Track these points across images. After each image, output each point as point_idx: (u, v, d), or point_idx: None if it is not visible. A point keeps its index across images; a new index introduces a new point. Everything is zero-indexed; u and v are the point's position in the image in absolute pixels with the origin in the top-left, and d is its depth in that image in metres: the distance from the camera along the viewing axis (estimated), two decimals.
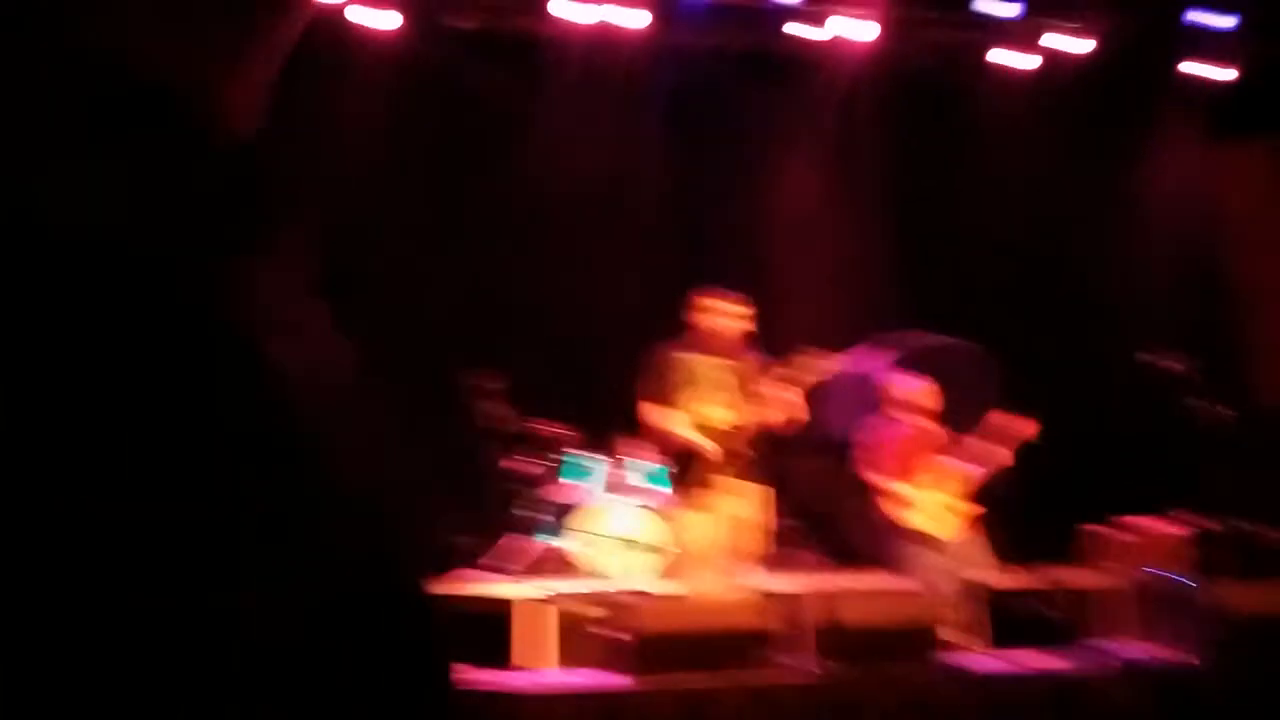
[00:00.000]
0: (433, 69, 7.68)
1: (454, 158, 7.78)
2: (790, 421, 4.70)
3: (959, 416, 5.97)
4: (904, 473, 5.73)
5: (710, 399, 4.80)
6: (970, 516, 5.55)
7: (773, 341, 5.28)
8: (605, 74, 7.98)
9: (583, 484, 6.57)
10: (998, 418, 5.90)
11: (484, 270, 7.67)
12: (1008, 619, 5.55)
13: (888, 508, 5.75)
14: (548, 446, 6.72)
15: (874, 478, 5.79)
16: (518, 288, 7.69)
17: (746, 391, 4.66)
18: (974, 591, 5.41)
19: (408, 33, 7.61)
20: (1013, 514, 6.81)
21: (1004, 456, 5.55)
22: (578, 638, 5.38)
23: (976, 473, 5.60)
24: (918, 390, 5.87)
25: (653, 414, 4.84)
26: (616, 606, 5.36)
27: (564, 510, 6.58)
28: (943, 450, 5.75)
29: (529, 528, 6.62)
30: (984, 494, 5.91)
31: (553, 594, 5.57)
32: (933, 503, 5.55)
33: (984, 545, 5.56)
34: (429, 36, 7.68)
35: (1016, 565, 6.70)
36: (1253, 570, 6.53)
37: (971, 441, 5.81)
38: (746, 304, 4.82)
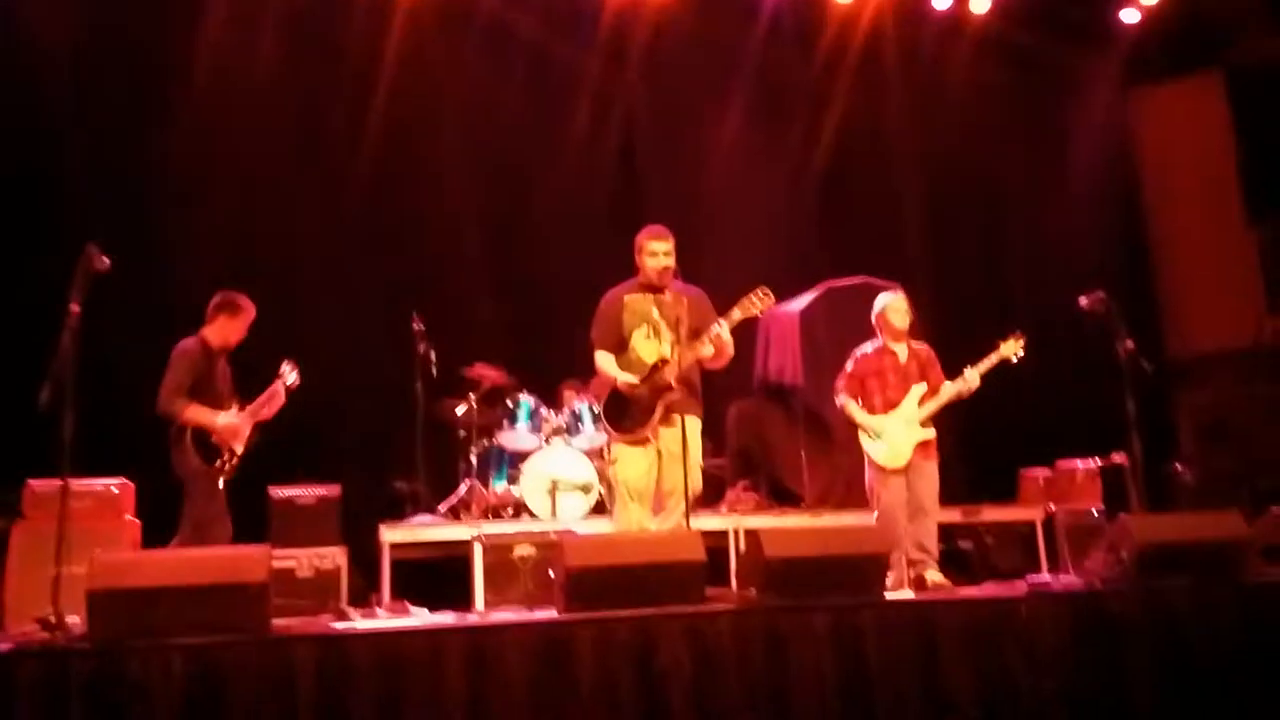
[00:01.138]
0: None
1: (382, 111, 7.63)
2: (720, 357, 4.71)
3: None
4: (870, 394, 5.50)
5: (640, 335, 4.80)
6: (927, 442, 5.42)
7: (703, 282, 5.27)
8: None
9: (523, 427, 6.56)
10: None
11: (424, 221, 7.57)
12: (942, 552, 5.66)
13: (857, 438, 5.53)
14: (494, 392, 6.69)
15: (844, 404, 5.53)
16: (461, 239, 7.61)
17: (675, 326, 4.66)
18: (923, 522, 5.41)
19: None
20: (956, 453, 6.95)
21: (973, 379, 5.48)
22: (506, 576, 5.40)
23: (946, 394, 5.40)
24: (888, 304, 5.55)
25: (597, 355, 4.84)
26: (545, 545, 5.38)
27: (517, 455, 6.56)
28: (910, 370, 5.51)
29: (483, 473, 6.61)
30: (946, 419, 5.68)
31: (480, 534, 5.57)
32: (895, 429, 5.38)
33: (933, 474, 5.41)
34: None
35: (948, 503, 6.85)
36: (1160, 503, 6.84)
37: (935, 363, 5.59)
38: (668, 238, 4.79)
